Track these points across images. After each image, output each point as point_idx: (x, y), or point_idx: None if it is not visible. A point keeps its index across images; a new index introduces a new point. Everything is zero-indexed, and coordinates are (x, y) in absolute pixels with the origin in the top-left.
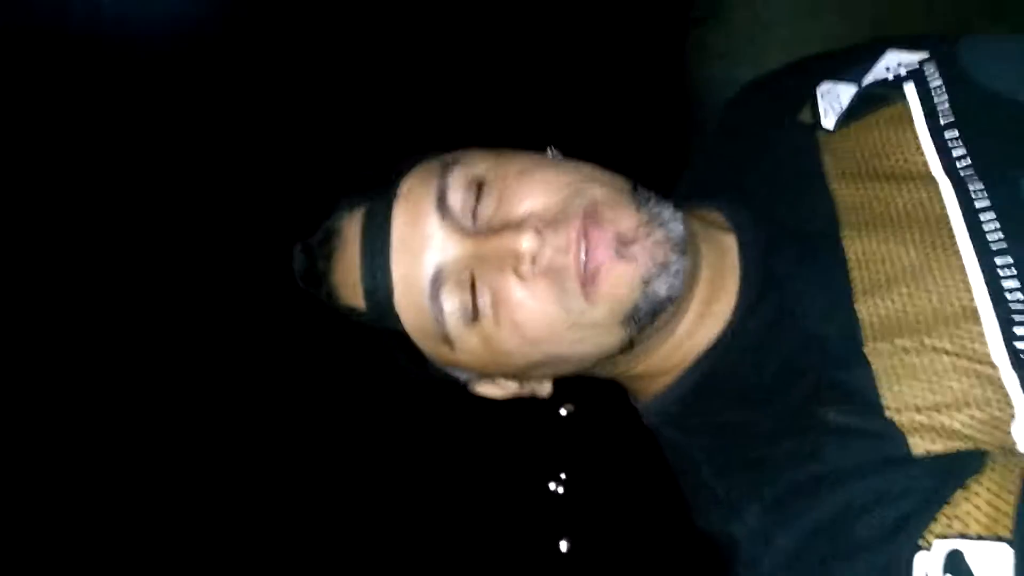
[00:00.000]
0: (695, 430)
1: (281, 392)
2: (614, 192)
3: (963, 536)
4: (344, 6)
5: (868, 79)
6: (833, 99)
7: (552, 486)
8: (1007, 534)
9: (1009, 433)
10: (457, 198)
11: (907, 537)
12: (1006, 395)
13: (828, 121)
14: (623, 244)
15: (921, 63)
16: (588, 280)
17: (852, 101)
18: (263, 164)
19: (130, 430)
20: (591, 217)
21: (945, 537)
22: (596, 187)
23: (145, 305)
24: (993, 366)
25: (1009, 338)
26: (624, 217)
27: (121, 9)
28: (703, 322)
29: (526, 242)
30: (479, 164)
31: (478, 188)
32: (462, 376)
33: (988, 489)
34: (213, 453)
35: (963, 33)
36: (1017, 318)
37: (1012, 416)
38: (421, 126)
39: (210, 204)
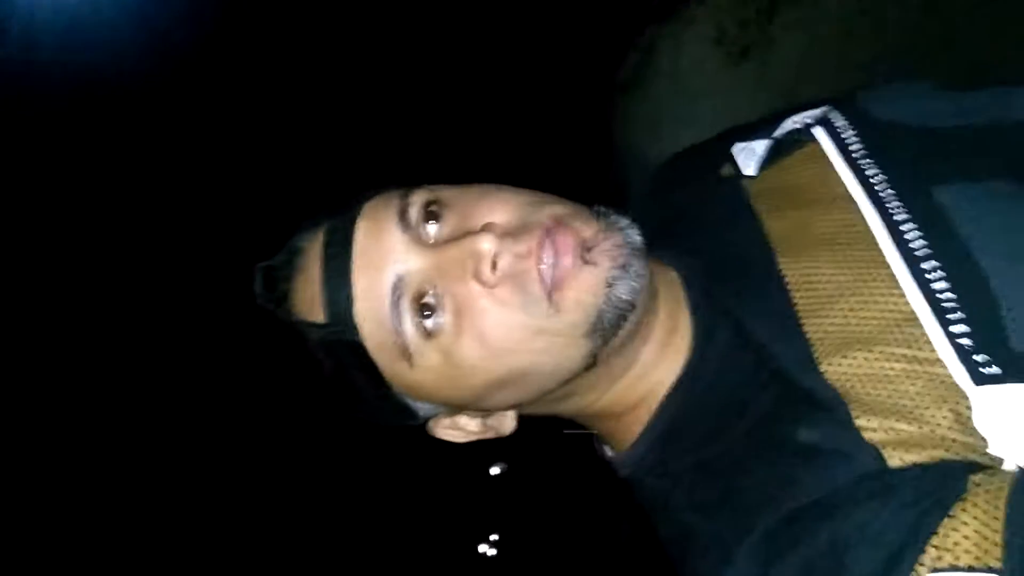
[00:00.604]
0: (674, 474)
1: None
2: (574, 208)
3: (954, 568)
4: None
5: (778, 132)
6: (749, 154)
7: (483, 548)
8: (997, 564)
9: (973, 428)
10: (417, 214)
11: (899, 571)
12: (960, 389)
13: (748, 170)
14: (586, 250)
15: (824, 113)
16: (554, 287)
17: (767, 150)
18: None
19: (129, 430)
20: (557, 225)
21: (936, 571)
22: (556, 205)
23: (145, 308)
24: (942, 363)
25: (950, 335)
26: (586, 226)
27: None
28: (665, 354)
29: (486, 243)
30: (440, 190)
31: (439, 208)
32: (421, 409)
33: (975, 517)
34: (210, 452)
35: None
36: (951, 316)
37: (969, 408)
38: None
39: (208, 207)
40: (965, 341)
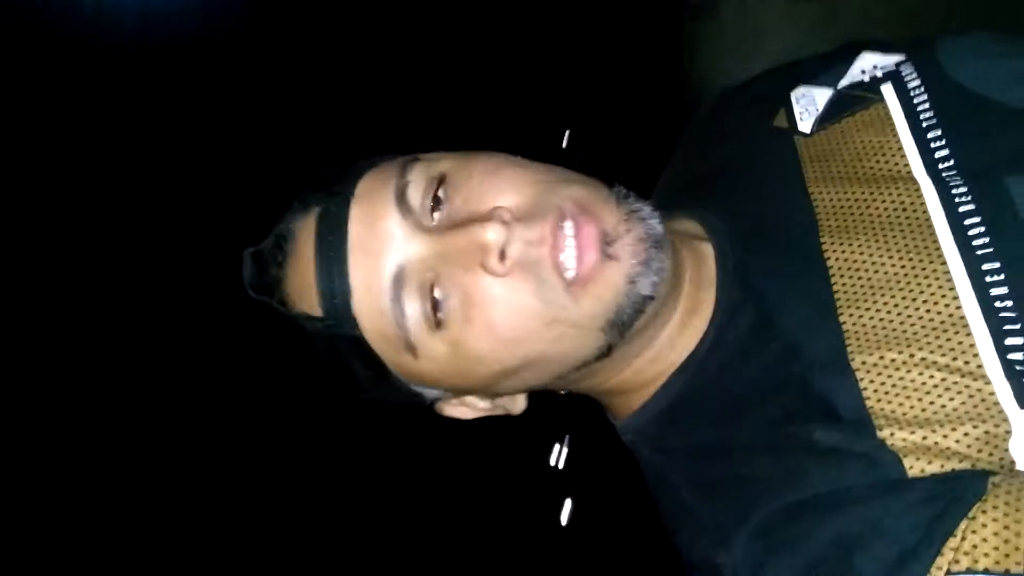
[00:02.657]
0: (673, 451)
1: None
2: (592, 190)
3: (972, 572)
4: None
5: (844, 82)
6: (808, 103)
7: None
8: (1018, 569)
9: (1007, 451)
10: (418, 195)
11: (912, 573)
12: (1001, 411)
13: (804, 125)
14: (607, 243)
15: (898, 64)
16: (577, 283)
17: (828, 104)
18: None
19: (128, 430)
20: (578, 212)
21: (953, 573)
22: (573, 186)
23: (143, 307)
24: (986, 379)
25: (1001, 349)
26: (607, 214)
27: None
28: (684, 333)
29: (491, 233)
30: (442, 162)
31: (441, 186)
32: (428, 394)
33: (995, 519)
34: (210, 450)
35: (945, 34)
36: (1008, 327)
37: (1008, 432)
38: (404, 125)
39: (206, 205)
40: (1017, 357)
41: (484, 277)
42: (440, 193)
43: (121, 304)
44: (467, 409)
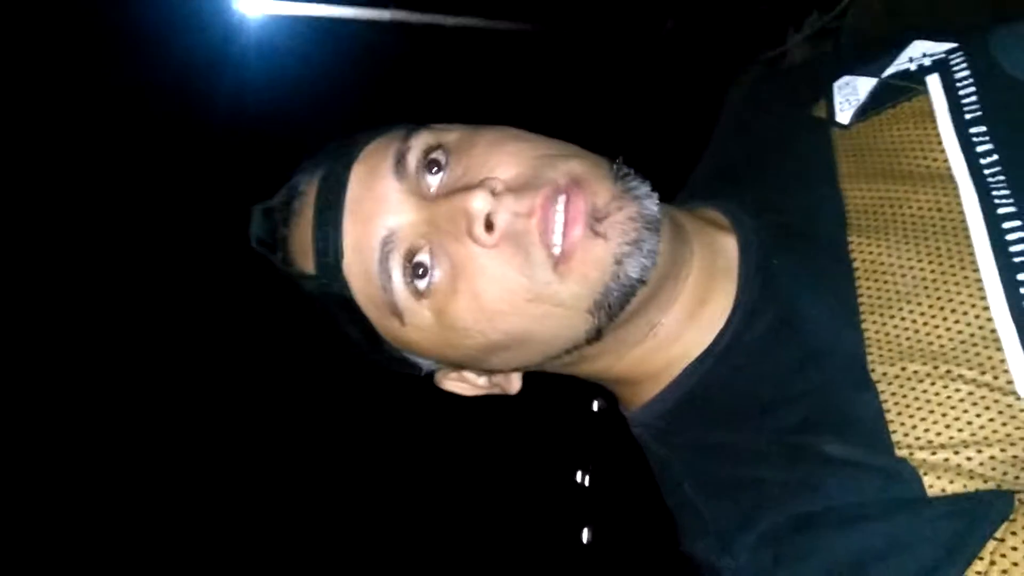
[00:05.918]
0: (679, 447)
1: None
2: (591, 166)
3: None
4: None
5: (889, 70)
6: (851, 93)
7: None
8: None
9: None
10: (416, 162)
11: None
12: None
13: (844, 116)
14: (596, 220)
15: (948, 53)
16: (561, 258)
17: (870, 94)
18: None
19: (127, 431)
20: (571, 185)
21: None
22: (573, 161)
23: (143, 304)
24: (1018, 397)
25: None
26: (602, 189)
27: None
28: (692, 324)
29: (477, 201)
30: (447, 133)
31: (442, 156)
32: (423, 363)
33: None
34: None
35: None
36: None
37: None
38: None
39: (208, 204)
40: None
41: (472, 247)
42: (438, 156)
43: (121, 303)
44: (465, 385)
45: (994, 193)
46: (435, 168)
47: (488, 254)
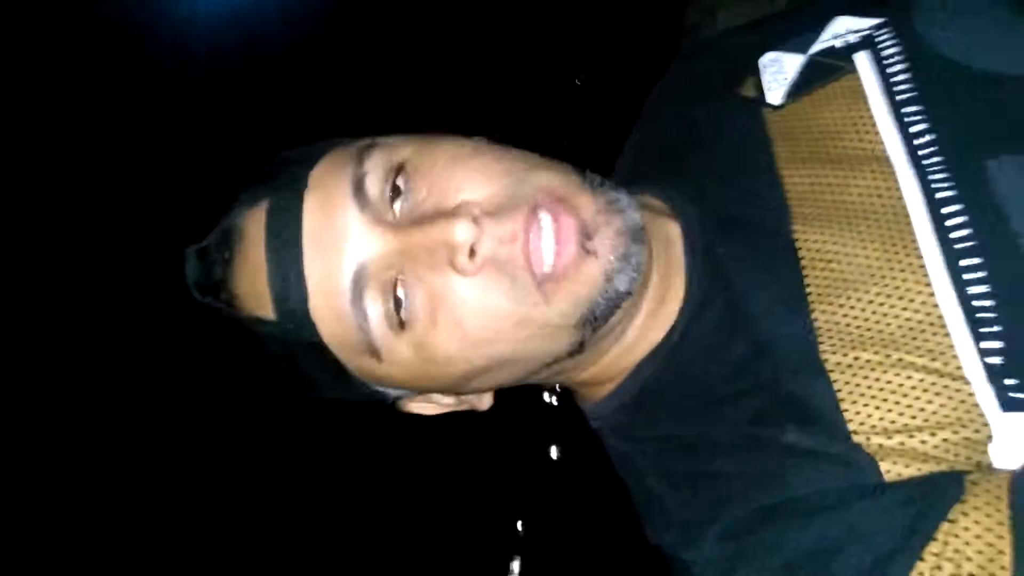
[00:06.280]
0: (639, 440)
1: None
2: (564, 177)
3: None
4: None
5: (815, 47)
6: (778, 71)
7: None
8: (1005, 574)
9: (986, 454)
10: (376, 186)
11: None
12: (981, 414)
13: (774, 96)
14: (586, 236)
15: (874, 29)
16: (550, 278)
17: (799, 73)
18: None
19: (126, 431)
20: (554, 203)
21: None
22: (543, 174)
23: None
24: (966, 381)
25: (980, 350)
26: (584, 203)
27: None
28: (655, 324)
29: (460, 232)
30: (401, 149)
31: (399, 174)
32: (391, 393)
33: (976, 522)
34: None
35: None
36: (987, 329)
37: (989, 437)
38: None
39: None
40: (996, 360)
41: (452, 276)
42: (400, 182)
43: (121, 303)
44: (431, 406)
45: (931, 177)
46: (396, 191)
47: (469, 282)
